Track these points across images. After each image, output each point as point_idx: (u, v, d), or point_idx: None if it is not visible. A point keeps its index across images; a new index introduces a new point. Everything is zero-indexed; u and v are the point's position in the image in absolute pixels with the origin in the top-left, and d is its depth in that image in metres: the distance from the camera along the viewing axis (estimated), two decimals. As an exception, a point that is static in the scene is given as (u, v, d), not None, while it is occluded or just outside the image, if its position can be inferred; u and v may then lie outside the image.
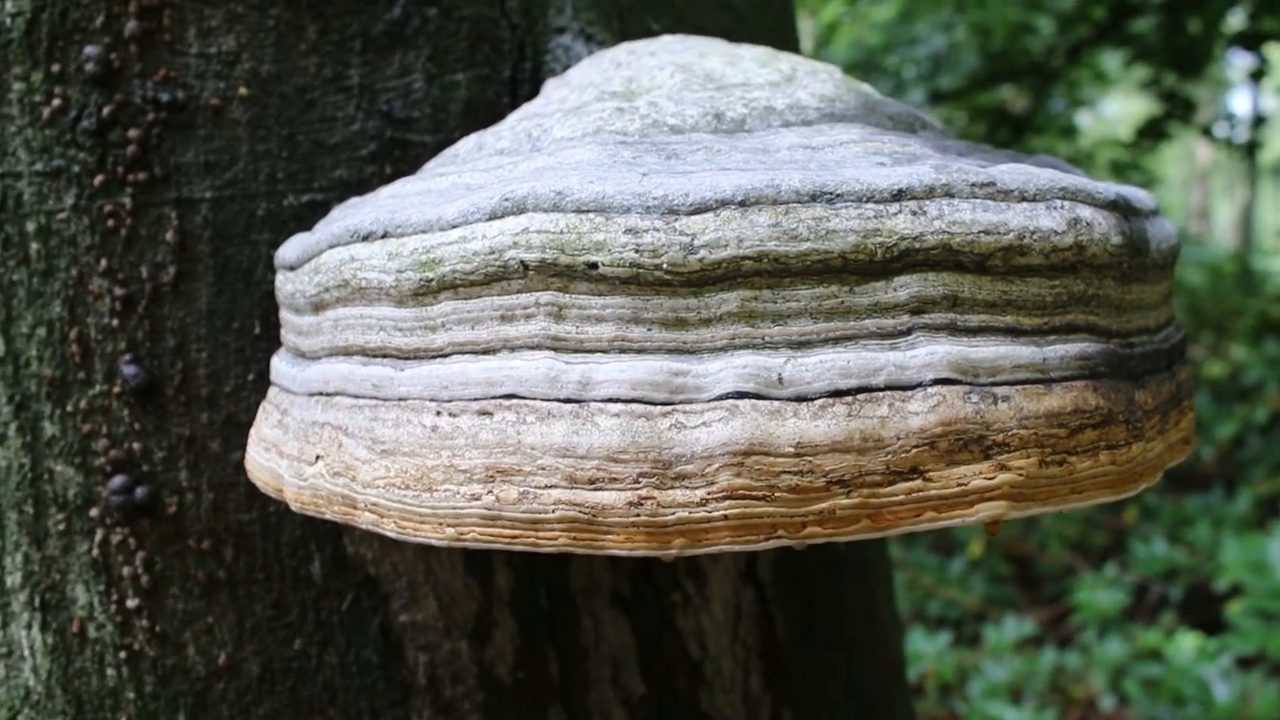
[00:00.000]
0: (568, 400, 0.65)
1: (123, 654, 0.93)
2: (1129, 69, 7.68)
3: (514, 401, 0.67)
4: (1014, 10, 7.35)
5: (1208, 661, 4.05)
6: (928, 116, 0.89)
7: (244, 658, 0.95)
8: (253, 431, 0.87)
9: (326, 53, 0.96)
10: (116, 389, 0.92)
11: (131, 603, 0.93)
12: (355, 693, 0.97)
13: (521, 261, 0.66)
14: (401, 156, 0.98)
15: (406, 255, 0.71)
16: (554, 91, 0.89)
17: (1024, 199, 0.67)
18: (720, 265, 0.64)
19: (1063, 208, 0.68)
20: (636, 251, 0.64)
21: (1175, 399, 0.78)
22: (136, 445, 0.93)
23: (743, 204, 0.64)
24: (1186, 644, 4.31)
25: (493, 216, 0.68)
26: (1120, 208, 0.72)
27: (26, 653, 0.93)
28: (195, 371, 0.93)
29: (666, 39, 0.92)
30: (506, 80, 1.02)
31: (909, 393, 0.64)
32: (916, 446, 0.64)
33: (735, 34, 1.18)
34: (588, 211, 0.65)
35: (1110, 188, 0.73)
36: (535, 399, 0.66)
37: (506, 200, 0.67)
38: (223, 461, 0.94)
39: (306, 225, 0.93)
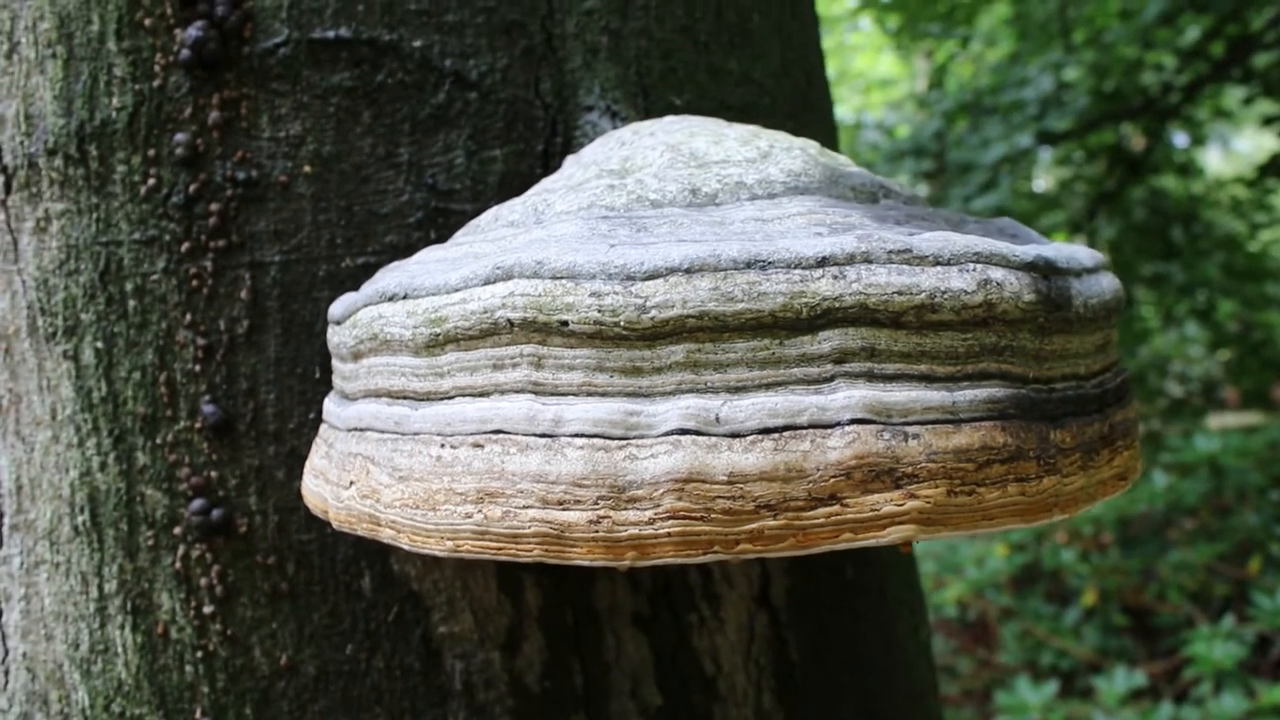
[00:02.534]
0: (543, 435, 0.78)
1: (199, 653, 1.08)
2: (1249, 105, 7.52)
3: (501, 436, 0.79)
4: (1131, 49, 7.28)
5: (1337, 721, 3.95)
6: (896, 185, 1.00)
7: (302, 660, 1.09)
8: (307, 462, 1.01)
9: (380, 134, 1.11)
10: (198, 425, 1.08)
11: (208, 609, 1.08)
12: (399, 694, 1.11)
13: (508, 319, 0.79)
14: (444, 224, 1.12)
15: (420, 314, 0.84)
16: (568, 167, 1.02)
17: (938, 263, 0.77)
18: (668, 323, 0.76)
19: (974, 270, 0.78)
20: (599, 311, 0.76)
21: (1106, 439, 0.87)
22: (214, 473, 1.08)
23: (688, 271, 0.76)
24: (1315, 701, 4.19)
25: (487, 282, 0.81)
26: (1038, 268, 0.81)
27: (119, 650, 1.08)
28: (264, 411, 1.09)
29: (668, 120, 1.05)
30: (540, 154, 1.16)
31: (829, 430, 0.75)
32: (834, 476, 0.74)
33: (757, 106, 1.30)
34: (561, 278, 0.78)
35: (1032, 250, 0.82)
36: (517, 434, 0.79)
37: (498, 268, 0.80)
38: (287, 489, 1.09)
39: (360, 285, 1.07)
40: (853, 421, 0.75)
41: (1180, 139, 8.73)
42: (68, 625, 1.09)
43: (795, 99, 1.36)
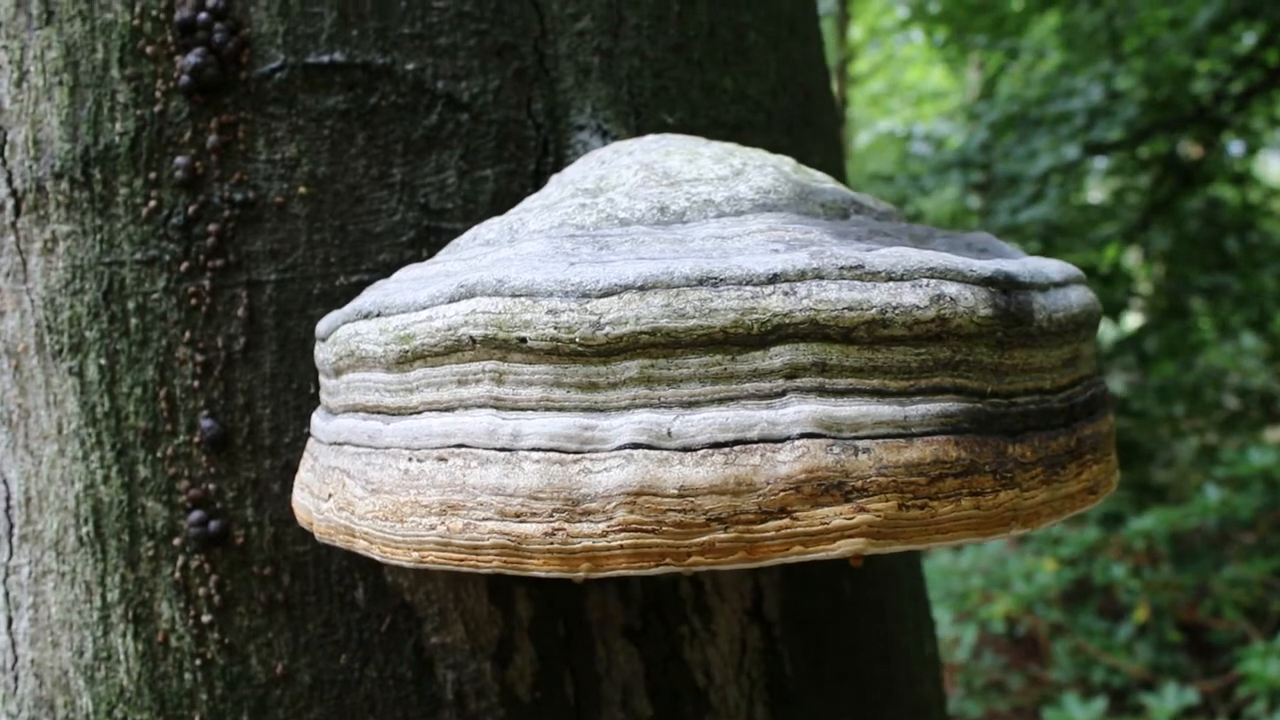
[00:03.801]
0: (502, 449, 0.80)
1: (198, 661, 1.11)
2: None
3: (463, 450, 0.81)
4: (1182, 57, 7.19)
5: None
6: (870, 200, 1.01)
7: (298, 669, 1.12)
8: (297, 475, 1.04)
9: (373, 155, 1.13)
10: (196, 439, 1.11)
11: (206, 618, 1.11)
12: (392, 704, 1.13)
13: (470, 336, 0.81)
14: (436, 242, 1.14)
15: (391, 331, 0.87)
16: (548, 187, 1.04)
17: (890, 279, 0.78)
18: (622, 339, 0.77)
19: (927, 285, 0.78)
20: (555, 328, 0.78)
21: (1073, 452, 0.87)
22: (212, 486, 1.11)
23: (641, 288, 0.77)
24: (1373, 719, 4.11)
25: (452, 300, 0.83)
26: (997, 283, 0.82)
27: (121, 657, 1.12)
28: (260, 425, 1.12)
29: (649, 139, 1.07)
30: (531, 173, 1.18)
31: (779, 445, 0.76)
32: (784, 490, 0.75)
33: (752, 123, 1.31)
34: (520, 295, 0.80)
35: (991, 264, 0.83)
36: (478, 448, 0.81)
37: (461, 286, 0.83)
38: (282, 501, 1.12)
39: (353, 301, 1.10)
40: (802, 436, 0.76)
41: (1236, 147, 8.59)
42: (73, 633, 1.13)
43: (793, 115, 1.37)
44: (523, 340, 0.79)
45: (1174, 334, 7.66)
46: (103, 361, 1.11)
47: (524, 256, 0.86)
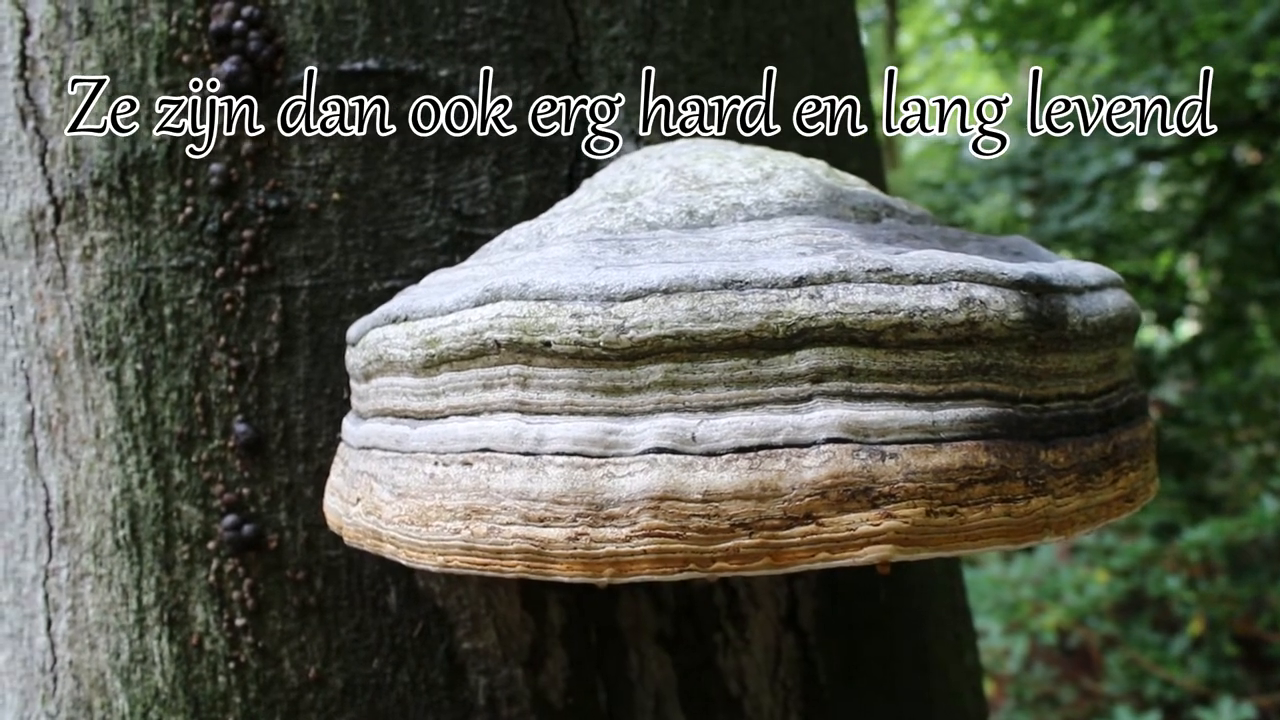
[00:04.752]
0: (526, 453, 0.80)
1: (232, 664, 1.12)
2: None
3: (487, 454, 0.81)
4: (1238, 61, 7.07)
5: None
6: (903, 204, 0.99)
7: (330, 673, 1.12)
8: (328, 480, 1.04)
9: (406, 161, 1.14)
10: (231, 443, 1.12)
11: (240, 622, 1.12)
12: (424, 709, 1.13)
13: (495, 340, 0.81)
14: (469, 248, 1.14)
15: (418, 335, 0.87)
16: (579, 191, 1.04)
17: (919, 281, 0.77)
18: (646, 343, 0.77)
19: (957, 288, 0.77)
20: (579, 332, 0.78)
21: (1109, 459, 0.85)
22: (246, 490, 1.12)
23: (666, 292, 0.77)
24: None
25: (477, 304, 0.83)
26: (1029, 286, 0.80)
27: (157, 659, 1.12)
28: (294, 430, 1.12)
29: (680, 144, 1.06)
30: (564, 178, 1.18)
31: (804, 450, 0.75)
32: (809, 496, 0.74)
33: (787, 127, 1.30)
34: (545, 299, 0.79)
35: (1023, 267, 0.81)
36: (502, 452, 0.81)
37: (487, 291, 0.82)
38: (315, 505, 1.12)
39: (385, 307, 1.10)
40: (829, 441, 0.75)
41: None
42: (110, 635, 1.14)
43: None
44: (547, 344, 0.79)
45: (1230, 342, 7.53)
46: (139, 366, 1.13)
47: (550, 261, 0.85)
